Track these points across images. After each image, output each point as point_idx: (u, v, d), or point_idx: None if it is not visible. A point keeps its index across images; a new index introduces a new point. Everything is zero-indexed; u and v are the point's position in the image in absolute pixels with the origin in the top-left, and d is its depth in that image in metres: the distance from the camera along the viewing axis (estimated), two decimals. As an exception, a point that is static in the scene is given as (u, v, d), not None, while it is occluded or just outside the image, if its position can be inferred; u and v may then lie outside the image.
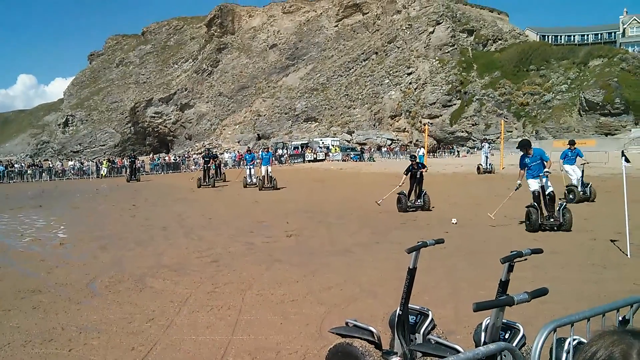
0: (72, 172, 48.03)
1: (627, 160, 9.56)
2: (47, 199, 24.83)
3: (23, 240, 12.40)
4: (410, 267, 3.79)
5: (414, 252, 3.76)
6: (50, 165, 52.83)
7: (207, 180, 28.44)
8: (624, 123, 60.23)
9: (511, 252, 3.39)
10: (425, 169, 16.71)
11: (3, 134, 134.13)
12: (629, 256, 8.54)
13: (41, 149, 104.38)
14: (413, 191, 15.86)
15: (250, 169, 26.92)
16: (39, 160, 69.53)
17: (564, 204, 11.63)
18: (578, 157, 17.00)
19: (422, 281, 6.30)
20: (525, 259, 3.40)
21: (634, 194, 13.27)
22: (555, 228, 11.24)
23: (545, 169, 11.51)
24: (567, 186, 16.66)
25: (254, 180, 26.16)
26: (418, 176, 15.85)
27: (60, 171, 48.09)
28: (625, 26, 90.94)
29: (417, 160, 16.55)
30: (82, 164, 53.20)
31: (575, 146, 17.14)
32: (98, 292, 7.35)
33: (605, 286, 6.90)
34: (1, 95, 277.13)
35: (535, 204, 11.36)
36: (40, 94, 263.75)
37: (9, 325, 5.93)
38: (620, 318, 2.69)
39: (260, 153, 32.26)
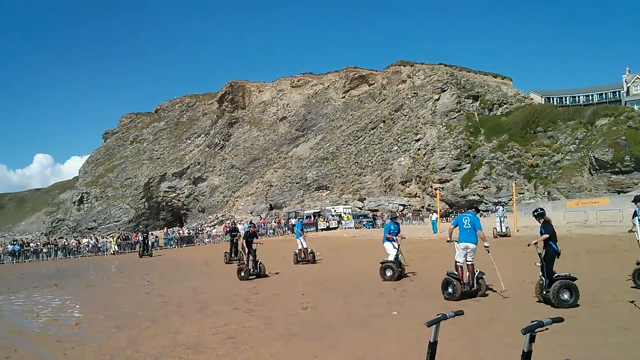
0: (87, 249, 48.20)
1: None
2: (62, 278, 24.82)
3: (39, 320, 12.33)
4: (431, 341, 3.76)
5: (434, 325, 3.74)
6: (66, 243, 53.10)
7: (235, 254, 25.21)
8: (636, 180, 60.05)
9: (532, 322, 3.38)
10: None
11: (19, 213, 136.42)
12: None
13: (56, 226, 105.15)
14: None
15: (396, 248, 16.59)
16: (54, 238, 69.95)
17: None
18: None
19: (442, 352, 6.19)
20: (547, 329, 3.38)
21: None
22: None
23: None
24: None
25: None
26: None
27: (74, 249, 48.30)
28: (629, 85, 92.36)
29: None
30: (96, 240, 53.43)
31: None
32: (115, 374, 7.27)
33: (631, 350, 6.72)
34: (18, 175, 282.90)
35: None
36: (56, 173, 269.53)
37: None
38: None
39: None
